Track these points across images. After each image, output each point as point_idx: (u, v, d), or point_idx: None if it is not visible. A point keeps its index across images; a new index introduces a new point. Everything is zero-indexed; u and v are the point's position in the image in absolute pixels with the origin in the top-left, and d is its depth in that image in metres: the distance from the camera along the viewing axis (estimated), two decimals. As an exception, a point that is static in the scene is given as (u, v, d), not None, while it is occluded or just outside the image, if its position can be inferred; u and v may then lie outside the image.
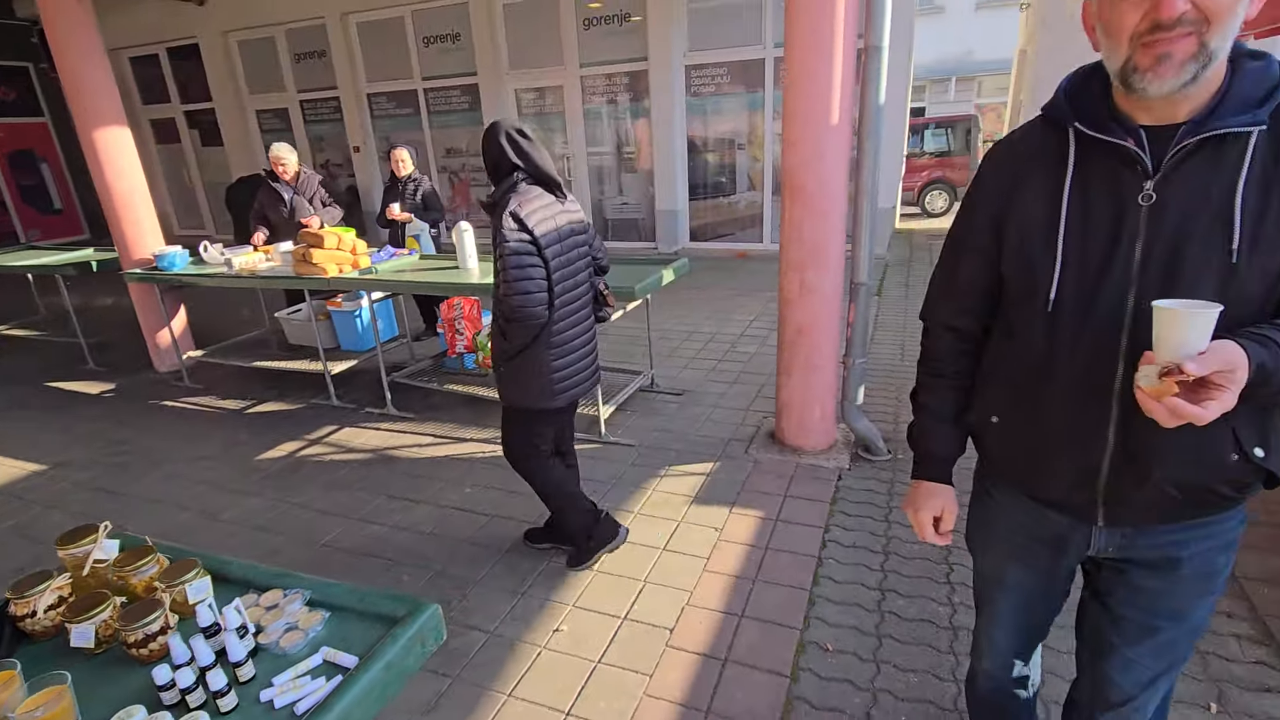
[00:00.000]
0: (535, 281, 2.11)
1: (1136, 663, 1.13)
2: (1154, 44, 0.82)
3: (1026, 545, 1.19)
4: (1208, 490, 0.98)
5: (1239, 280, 0.88)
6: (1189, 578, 1.06)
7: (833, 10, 2.59)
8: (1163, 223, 0.91)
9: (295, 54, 10.13)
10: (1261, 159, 0.87)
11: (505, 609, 2.35)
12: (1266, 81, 0.87)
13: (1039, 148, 1.02)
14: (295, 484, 3.33)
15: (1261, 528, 2.50)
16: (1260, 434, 0.95)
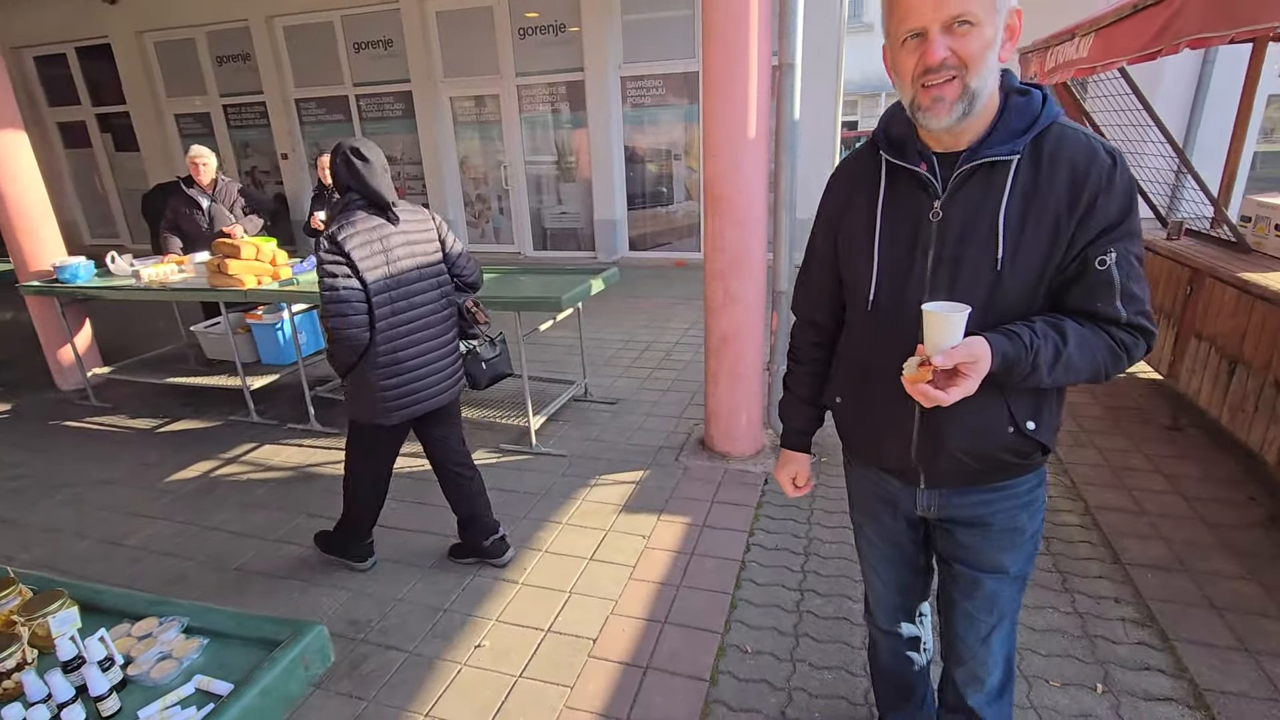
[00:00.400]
0: (350, 305, 2.13)
1: (974, 616, 1.30)
2: (930, 88, 0.98)
3: (874, 506, 1.39)
4: (994, 458, 1.15)
5: (1004, 285, 1.05)
6: (998, 532, 1.24)
7: (746, 29, 2.66)
8: (947, 236, 1.07)
9: (217, 57, 9.73)
10: (1022, 183, 1.02)
11: (426, 627, 2.30)
12: (1028, 115, 1.03)
13: (865, 170, 1.18)
14: (208, 506, 3.18)
15: (1145, 517, 2.68)
16: (1032, 411, 1.12)
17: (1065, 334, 1.03)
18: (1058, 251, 1.03)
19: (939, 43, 0.96)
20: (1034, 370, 1.02)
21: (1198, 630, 2.10)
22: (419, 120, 8.83)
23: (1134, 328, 1.06)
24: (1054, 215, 1.01)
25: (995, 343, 1.00)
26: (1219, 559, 2.42)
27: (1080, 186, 1.00)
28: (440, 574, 2.58)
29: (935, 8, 0.94)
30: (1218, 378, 2.94)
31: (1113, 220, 1.01)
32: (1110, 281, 1.03)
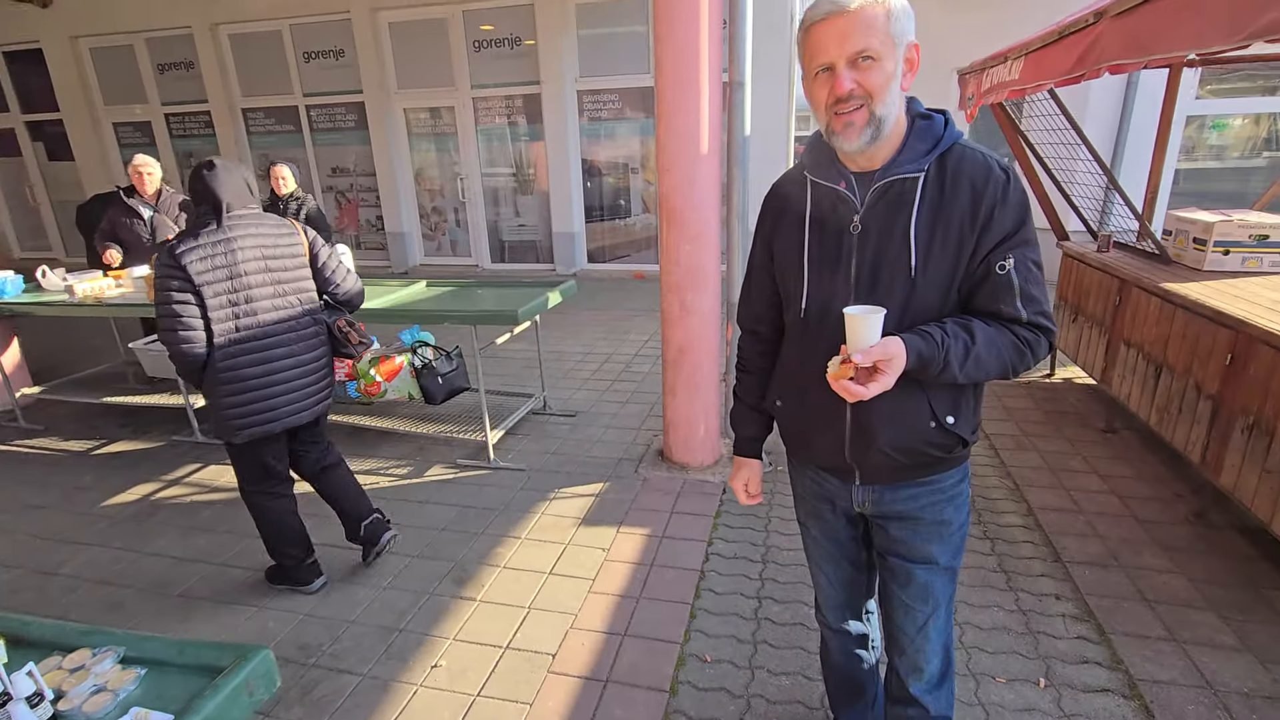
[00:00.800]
0: (180, 320, 2.12)
1: (910, 606, 1.37)
2: (839, 114, 1.09)
3: (815, 504, 1.46)
4: (918, 452, 1.23)
5: (918, 291, 1.15)
6: (927, 525, 1.32)
7: (697, 47, 2.72)
8: (866, 247, 1.17)
9: (159, 64, 9.42)
10: (929, 197, 1.13)
11: (380, 648, 2.25)
12: (931, 136, 1.14)
13: (793, 190, 1.28)
14: (148, 530, 3.05)
15: (1082, 516, 2.81)
16: (952, 407, 1.22)
17: (973, 333, 1.13)
18: (963, 259, 1.14)
19: (846, 76, 1.06)
20: (946, 366, 1.11)
21: (1131, 623, 2.21)
22: (372, 131, 8.70)
23: (1034, 326, 1.17)
24: (958, 226, 1.12)
25: (910, 341, 1.10)
26: (1150, 554, 2.55)
27: (979, 200, 1.11)
28: (395, 594, 2.53)
29: (839, 44, 1.05)
30: (1145, 382, 3.11)
31: (1009, 230, 1.12)
32: (1011, 285, 1.14)
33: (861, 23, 1.04)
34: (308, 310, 2.38)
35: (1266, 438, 2.29)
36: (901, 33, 1.07)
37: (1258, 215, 3.21)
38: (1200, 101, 6.36)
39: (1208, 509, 2.74)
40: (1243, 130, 6.66)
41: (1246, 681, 1.96)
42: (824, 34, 1.07)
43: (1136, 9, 2.05)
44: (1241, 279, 3.00)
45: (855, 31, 1.05)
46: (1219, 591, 2.33)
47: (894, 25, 1.06)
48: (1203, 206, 3.62)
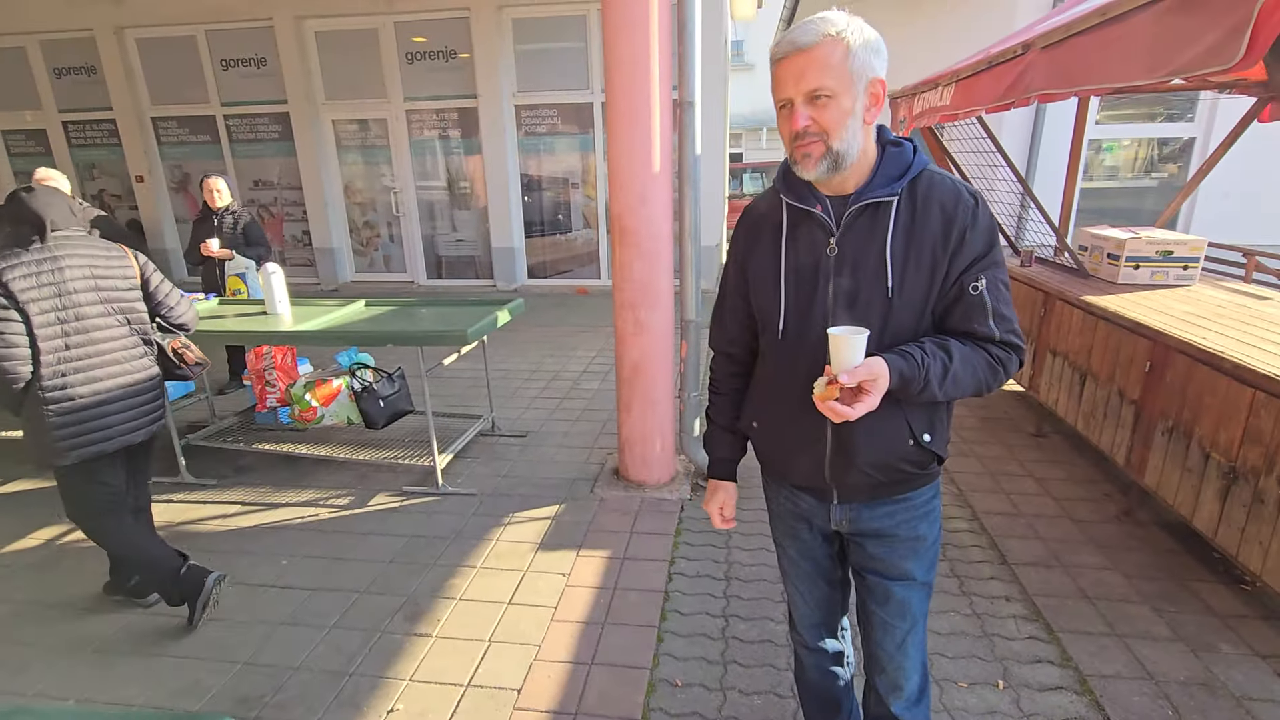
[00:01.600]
0: (4, 338, 2.09)
1: (889, 623, 1.38)
2: (799, 147, 1.13)
3: (792, 524, 1.46)
4: (896, 469, 1.26)
5: (895, 312, 1.18)
6: (903, 542, 1.34)
7: (647, 68, 2.73)
8: (844, 269, 1.19)
9: (55, 68, 8.74)
10: (902, 221, 1.17)
11: (330, 695, 2.10)
12: (901, 163, 1.18)
13: (769, 213, 1.30)
14: (55, 580, 2.76)
15: (1022, 519, 2.95)
16: (928, 425, 1.25)
17: (951, 352, 1.17)
18: (937, 280, 1.17)
19: (801, 113, 1.11)
20: (927, 385, 1.14)
21: (1076, 620, 2.32)
22: (298, 143, 8.34)
23: (1006, 344, 1.21)
24: (931, 249, 1.16)
25: (893, 361, 1.12)
26: (1086, 553, 2.69)
27: (950, 223, 1.15)
28: (343, 634, 2.37)
29: (796, 82, 1.10)
30: (1072, 389, 3.30)
31: (980, 252, 1.17)
32: (984, 305, 1.18)
33: (816, 62, 1.08)
34: (138, 331, 2.41)
35: (1185, 439, 2.47)
36: (862, 70, 1.10)
37: (1162, 232, 3.48)
38: (1098, 126, 6.90)
39: (1135, 507, 2.93)
40: (1129, 152, 7.27)
41: (1182, 670, 2.09)
42: (784, 71, 1.11)
43: (1063, 43, 2.19)
44: (1152, 291, 3.24)
45: (810, 70, 1.08)
46: (1150, 585, 2.48)
47: (853, 63, 1.08)
48: (1109, 223, 3.91)
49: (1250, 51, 1.36)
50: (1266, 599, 2.37)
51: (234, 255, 4.53)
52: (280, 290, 3.66)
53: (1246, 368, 2.18)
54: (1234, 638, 2.21)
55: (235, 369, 4.92)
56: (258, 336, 3.33)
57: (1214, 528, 2.33)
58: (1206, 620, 2.29)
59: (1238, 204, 6.57)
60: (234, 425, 3.96)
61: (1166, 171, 7.16)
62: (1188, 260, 3.32)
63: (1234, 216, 6.55)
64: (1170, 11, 1.66)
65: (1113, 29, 1.93)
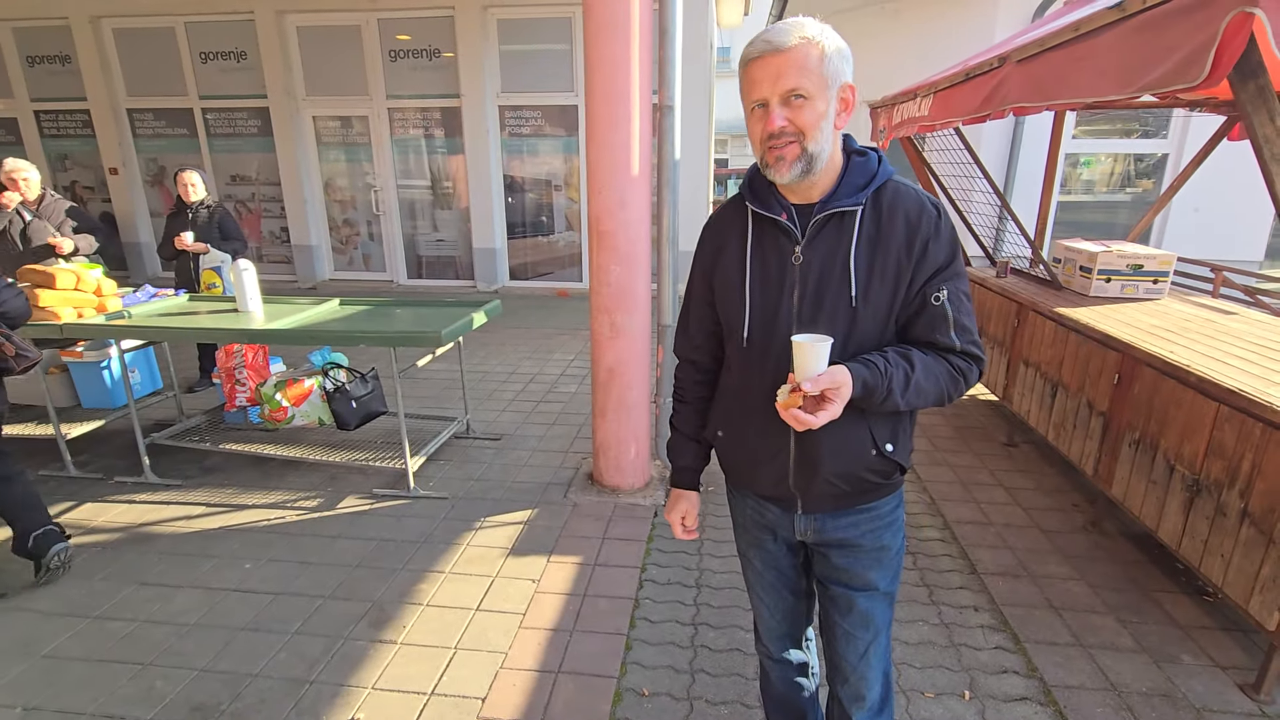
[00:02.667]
0: None
1: (852, 634, 1.37)
2: (772, 149, 1.12)
3: (757, 534, 1.45)
4: (859, 478, 1.26)
5: (859, 320, 1.17)
6: (867, 552, 1.34)
7: (628, 70, 2.72)
8: (808, 277, 1.19)
9: (28, 56, 8.55)
10: (866, 230, 1.17)
11: (289, 704, 2.05)
12: (866, 172, 1.18)
13: (734, 220, 1.29)
14: (5, 580, 2.67)
15: (992, 528, 2.97)
16: (891, 434, 1.25)
17: (913, 362, 1.17)
18: (900, 290, 1.17)
19: (778, 113, 1.10)
20: (889, 394, 1.14)
21: (1042, 630, 2.33)
22: (277, 139, 8.23)
23: (967, 355, 1.22)
24: (895, 258, 1.16)
25: (855, 370, 1.12)
26: (1054, 563, 2.71)
27: (914, 233, 1.15)
28: (306, 640, 2.32)
29: (773, 83, 1.09)
30: (1042, 399, 3.34)
31: (942, 262, 1.17)
32: (945, 315, 1.18)
33: (794, 62, 1.08)
34: None
35: (1151, 451, 2.50)
36: (835, 74, 1.10)
37: (1133, 246, 3.54)
38: (1075, 140, 7.01)
39: (1101, 517, 2.96)
40: (1106, 167, 7.40)
41: (1144, 681, 2.11)
42: (759, 71, 1.10)
43: (1037, 57, 2.21)
44: (1122, 304, 3.29)
45: (788, 70, 1.08)
46: (1115, 596, 2.51)
47: (827, 66, 1.09)
48: (1084, 237, 3.96)
49: (1214, 70, 1.38)
50: (1227, 610, 2.40)
51: (209, 249, 4.45)
52: (252, 287, 3.59)
53: (1211, 381, 2.21)
54: (1195, 648, 2.24)
55: (205, 366, 4.83)
56: (227, 334, 3.26)
57: (1178, 539, 2.36)
58: (1169, 631, 2.32)
59: (1208, 219, 6.71)
60: (202, 424, 3.88)
61: (1141, 187, 7.30)
62: (1157, 274, 3.37)
63: (1204, 232, 6.69)
64: (1139, 30, 1.68)
65: (1085, 45, 1.95)
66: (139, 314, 3.53)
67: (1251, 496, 2.04)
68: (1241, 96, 1.54)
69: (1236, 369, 2.29)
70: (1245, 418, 2.06)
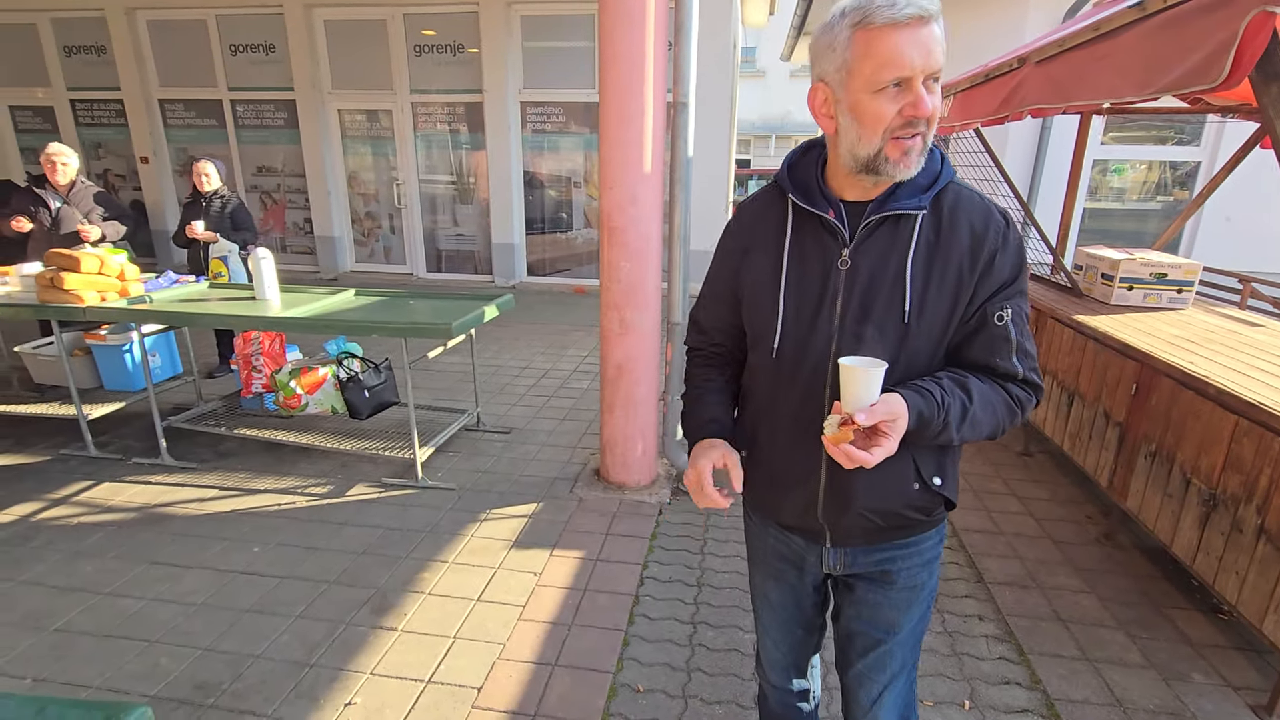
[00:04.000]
0: None
1: (866, 676, 1.26)
2: (900, 138, 0.94)
3: (778, 565, 1.31)
4: (899, 514, 1.13)
5: (910, 336, 1.03)
6: (899, 590, 1.20)
7: (642, 67, 2.72)
8: (855, 285, 1.04)
9: (65, 46, 8.77)
10: (925, 237, 1.03)
11: (288, 686, 2.08)
12: (931, 172, 1.04)
13: (770, 214, 1.14)
14: (25, 556, 2.74)
15: (1002, 537, 2.92)
16: (938, 466, 1.11)
17: (970, 391, 1.03)
18: (960, 306, 1.04)
19: (926, 96, 0.92)
20: (945, 427, 1.01)
21: (1048, 643, 2.29)
22: (303, 131, 8.35)
23: (1028, 383, 1.08)
24: (957, 270, 1.02)
25: (911, 400, 0.98)
26: (1064, 574, 2.66)
27: (980, 244, 1.02)
28: (308, 624, 2.35)
29: (925, 57, 0.90)
30: (1059, 409, 3.27)
31: (1007, 278, 1.04)
32: (1008, 337, 1.05)
33: (939, 39, 0.91)
34: None
35: (1167, 464, 2.44)
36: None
37: (1157, 255, 3.45)
38: (1104, 147, 6.87)
39: (1115, 530, 2.89)
40: (1138, 175, 7.23)
41: (1152, 699, 2.05)
42: (905, 41, 0.89)
43: (1057, 58, 2.17)
44: (1144, 313, 3.21)
45: (937, 46, 0.91)
46: (1126, 610, 2.45)
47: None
48: (1108, 244, 3.87)
49: (1234, 71, 1.34)
50: (1242, 629, 2.34)
51: (218, 238, 4.54)
52: (270, 276, 3.65)
53: (1231, 394, 2.14)
54: (1206, 667, 2.18)
55: (224, 353, 4.91)
56: (244, 321, 3.31)
57: (1192, 555, 2.30)
58: (1180, 648, 2.26)
59: (1240, 229, 6.53)
60: (218, 409, 3.95)
61: (1175, 196, 7.13)
62: (1181, 284, 3.28)
63: (1236, 242, 6.51)
64: (1159, 29, 1.64)
65: (1104, 45, 1.91)
66: (160, 299, 3.61)
67: (1269, 513, 1.98)
68: (1264, 100, 1.50)
69: (1259, 382, 2.23)
70: (1265, 432, 2.00)
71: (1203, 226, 6.71)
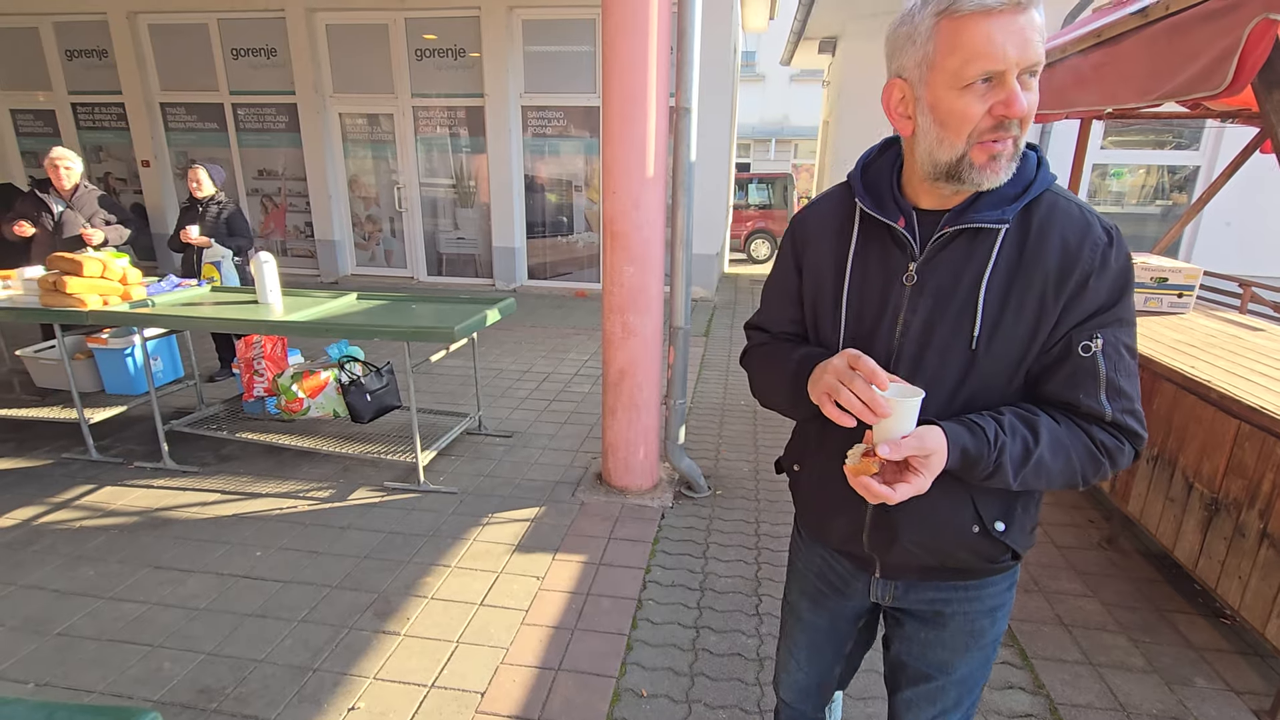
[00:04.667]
0: None
1: (914, 703, 1.19)
2: (990, 143, 0.84)
3: (818, 586, 1.24)
4: (953, 557, 1.02)
5: (978, 367, 0.93)
6: (953, 633, 1.10)
7: (645, 72, 2.73)
8: (919, 303, 0.95)
9: (67, 50, 8.78)
10: (1007, 254, 0.91)
11: (292, 690, 2.08)
12: (1022, 179, 0.91)
13: (837, 217, 1.05)
14: (27, 560, 2.74)
15: (1006, 541, 2.92)
16: (1003, 510, 0.99)
17: (1038, 430, 0.90)
18: (1041, 333, 0.91)
19: (1022, 92, 0.82)
20: (997, 470, 0.90)
21: (1051, 647, 2.29)
22: (304, 135, 8.36)
23: (1118, 428, 0.92)
24: (1039, 295, 0.90)
25: (954, 435, 0.88)
26: (1066, 579, 2.66)
27: (1071, 264, 0.89)
28: (311, 628, 2.35)
29: (1021, 49, 0.80)
30: (1061, 412, 3.27)
31: (1103, 303, 0.90)
32: (1095, 371, 0.90)
33: (1039, 26, 0.80)
34: None
35: (1169, 468, 2.44)
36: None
37: (1158, 259, 3.46)
38: (1104, 151, 6.90)
39: (1117, 535, 2.90)
40: (1137, 179, 7.26)
41: (1155, 703, 2.05)
42: (998, 31, 0.79)
43: (1059, 64, 2.18)
44: (1145, 318, 3.22)
45: (1036, 36, 0.80)
46: (1128, 615, 2.45)
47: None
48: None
49: (1237, 78, 1.35)
50: (1245, 634, 2.34)
51: (211, 244, 4.55)
52: (272, 280, 3.65)
53: (1232, 398, 2.15)
54: (1210, 672, 2.18)
55: (224, 357, 4.92)
56: (246, 325, 3.32)
57: (1194, 559, 2.31)
58: (1183, 653, 2.26)
59: (1241, 234, 6.56)
60: (220, 413, 3.95)
61: (1174, 200, 7.15)
62: (1182, 288, 3.29)
63: (1236, 246, 6.53)
64: (1161, 36, 1.65)
65: (1106, 51, 1.92)
66: (162, 303, 3.61)
67: (1271, 517, 1.98)
68: (1266, 106, 1.51)
69: (1260, 386, 2.23)
70: (1267, 436, 2.01)
71: (1203, 231, 6.74)
